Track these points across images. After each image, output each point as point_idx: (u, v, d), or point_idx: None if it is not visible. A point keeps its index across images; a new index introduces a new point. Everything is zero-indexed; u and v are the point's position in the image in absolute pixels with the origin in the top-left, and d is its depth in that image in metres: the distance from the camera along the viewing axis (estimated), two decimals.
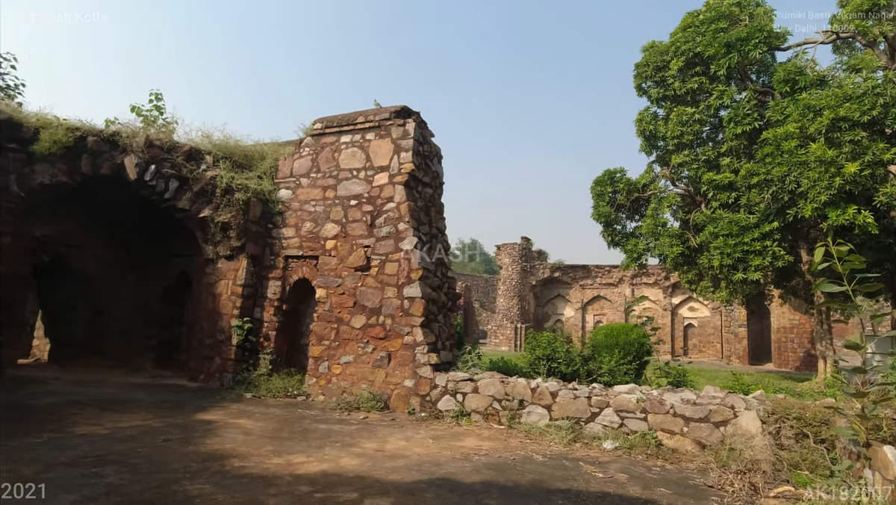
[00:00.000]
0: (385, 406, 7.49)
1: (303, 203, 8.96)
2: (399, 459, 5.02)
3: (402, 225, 8.02)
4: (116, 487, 3.80)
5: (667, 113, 14.78)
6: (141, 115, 10.02)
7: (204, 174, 9.00)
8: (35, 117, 8.32)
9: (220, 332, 8.90)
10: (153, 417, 6.24)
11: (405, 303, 7.74)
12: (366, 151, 8.57)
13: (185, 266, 10.21)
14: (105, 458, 4.49)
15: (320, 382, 8.16)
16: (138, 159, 8.72)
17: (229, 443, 5.25)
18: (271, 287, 8.96)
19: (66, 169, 8.47)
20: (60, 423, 5.69)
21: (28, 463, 4.20)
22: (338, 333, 8.19)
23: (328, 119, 9.04)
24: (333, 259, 8.46)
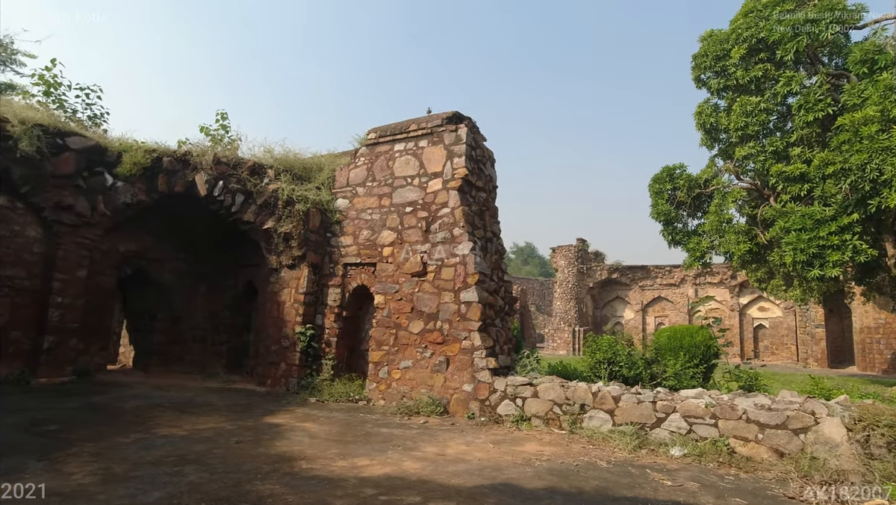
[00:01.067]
0: (444, 410, 7.54)
1: (359, 211, 9.20)
2: (460, 463, 5.04)
3: (457, 230, 8.07)
4: (196, 485, 4.03)
5: (729, 104, 14.09)
6: (209, 135, 10.64)
7: (266, 187, 9.42)
8: (118, 142, 9.01)
9: (284, 338, 9.26)
10: (226, 420, 6.56)
11: (462, 308, 7.77)
12: (419, 158, 8.70)
13: (252, 276, 10.71)
14: (185, 458, 4.77)
15: (380, 387, 8.32)
16: (207, 176, 9.25)
17: (296, 445, 5.44)
18: (331, 294, 9.24)
19: (145, 188, 9.12)
20: (145, 424, 6.09)
21: (119, 462, 4.53)
22: (396, 338, 8.33)
23: (381, 128, 9.24)
24: (390, 265, 8.62)
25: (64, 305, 8.72)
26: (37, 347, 8.50)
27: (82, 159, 8.64)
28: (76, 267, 8.88)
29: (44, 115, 8.65)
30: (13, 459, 4.44)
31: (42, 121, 8.32)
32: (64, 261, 8.72)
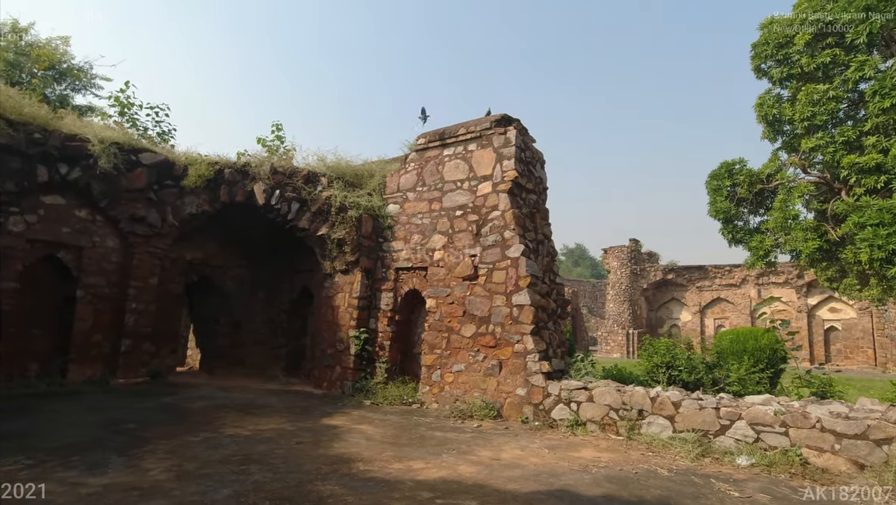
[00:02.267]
0: (498, 414, 7.52)
1: (410, 216, 9.32)
2: (516, 468, 5.01)
3: (508, 233, 8.04)
4: (261, 484, 4.20)
5: (793, 93, 13.30)
6: (265, 146, 11.10)
7: (320, 195, 9.71)
8: (184, 156, 9.55)
9: (339, 342, 9.51)
10: (286, 421, 6.80)
11: (514, 311, 7.73)
12: (468, 162, 8.73)
13: (307, 281, 11.06)
14: (250, 457, 4.98)
15: (433, 390, 8.39)
16: (265, 186, 9.64)
17: (353, 447, 5.57)
18: (384, 299, 9.40)
19: (208, 199, 9.61)
20: (212, 424, 6.40)
21: (190, 460, 4.79)
22: (449, 341, 8.38)
23: (431, 133, 9.34)
24: (441, 269, 8.69)
25: (138, 311, 9.30)
26: (115, 351, 9.11)
27: (153, 173, 9.20)
28: (149, 275, 9.46)
29: (119, 134, 9.29)
30: (97, 455, 4.78)
31: (118, 139, 8.92)
32: (138, 269, 9.31)
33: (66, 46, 15.17)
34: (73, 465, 4.45)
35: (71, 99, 15.11)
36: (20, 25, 14.47)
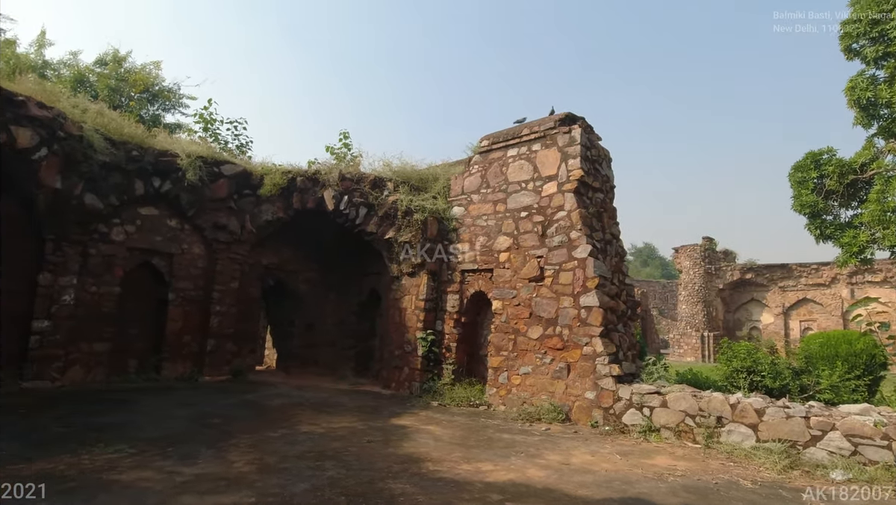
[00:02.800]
0: (566, 418, 7.40)
1: (475, 218, 9.37)
2: (586, 473, 4.92)
3: (574, 233, 7.90)
4: (335, 480, 4.37)
5: (891, 74, 12.20)
6: (334, 154, 11.54)
7: (386, 199, 9.97)
8: (260, 167, 10.13)
9: (406, 343, 9.70)
10: (357, 420, 7.02)
11: (582, 312, 7.58)
12: (532, 163, 8.66)
13: (375, 283, 11.37)
14: (324, 454, 5.19)
15: (500, 393, 8.38)
16: (334, 192, 10.03)
17: (423, 447, 5.67)
18: (450, 301, 9.50)
19: (282, 206, 10.12)
20: (288, 421, 6.72)
21: (270, 454, 5.06)
22: (515, 343, 8.34)
23: (494, 135, 9.35)
24: (507, 271, 8.66)
25: (221, 313, 9.94)
26: (202, 350, 9.78)
27: (233, 184, 9.82)
28: (230, 279, 10.09)
29: (203, 148, 9.99)
30: (189, 447, 5.16)
31: (202, 153, 9.60)
32: (221, 274, 9.95)
33: (158, 70, 16.52)
34: (168, 455, 4.83)
35: (162, 118, 16.43)
36: (120, 54, 15.90)
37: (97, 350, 8.72)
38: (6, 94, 7.04)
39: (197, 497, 3.77)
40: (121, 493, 3.77)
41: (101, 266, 8.76)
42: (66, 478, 4.02)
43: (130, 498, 3.67)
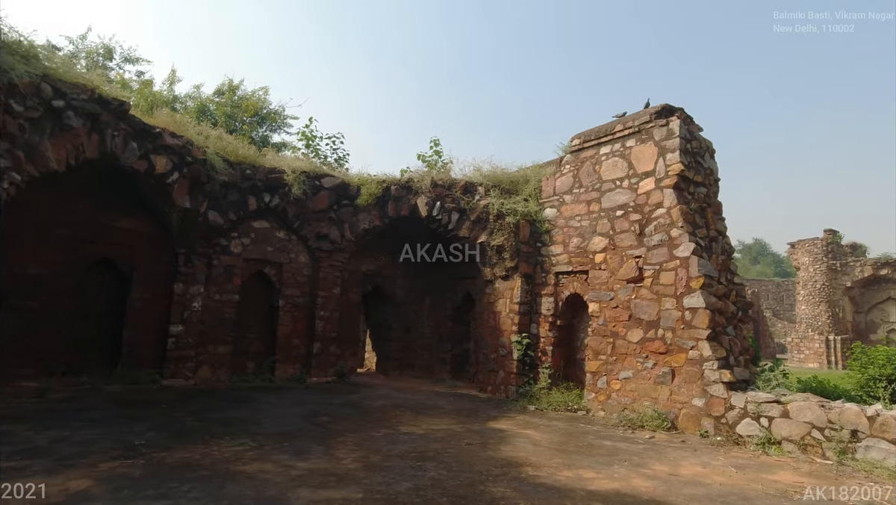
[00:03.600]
0: (672, 426, 7.00)
1: (568, 219, 9.18)
2: (698, 486, 4.63)
3: (675, 231, 7.48)
4: (437, 480, 4.49)
5: None
6: (425, 161, 11.86)
7: (478, 204, 10.07)
8: (357, 178, 10.67)
9: (501, 347, 9.70)
10: (455, 423, 7.14)
11: (686, 314, 7.15)
12: (627, 159, 8.33)
13: (469, 288, 11.49)
14: (425, 454, 5.35)
15: (599, 398, 8.12)
16: (427, 198, 10.30)
17: (521, 452, 5.65)
18: (544, 303, 9.37)
19: (378, 214, 10.58)
20: (390, 421, 7.00)
21: (374, 453, 5.31)
22: (614, 347, 8.05)
23: (585, 133, 9.11)
24: (603, 272, 8.39)
25: (325, 318, 10.57)
26: (309, 352, 10.47)
27: (333, 195, 10.43)
28: (332, 285, 10.71)
29: (305, 164, 10.72)
30: (302, 443, 5.55)
31: (305, 168, 10.31)
32: (324, 281, 10.60)
33: (266, 95, 17.99)
34: (284, 449, 5.23)
35: (270, 138, 17.85)
36: (234, 84, 17.55)
37: (221, 352, 9.64)
38: (147, 128, 8.03)
39: (311, 490, 4.04)
40: (246, 483, 4.15)
41: (222, 276, 9.68)
42: (201, 467, 4.49)
43: (254, 488, 4.02)
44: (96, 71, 10.89)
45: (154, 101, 14.22)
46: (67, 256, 8.51)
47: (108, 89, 7.66)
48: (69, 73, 7.11)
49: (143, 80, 16.13)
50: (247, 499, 3.77)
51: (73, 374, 8.47)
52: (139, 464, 4.48)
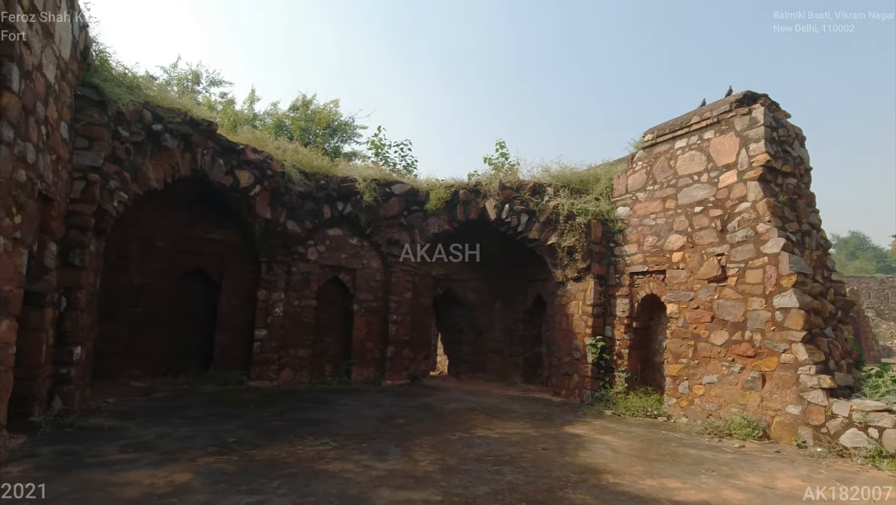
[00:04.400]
0: (764, 435, 6.55)
1: (642, 218, 8.85)
2: (796, 501, 4.31)
3: (762, 226, 7.01)
4: (514, 485, 4.46)
5: None
6: (492, 164, 11.86)
7: (547, 205, 9.92)
8: (425, 183, 10.84)
9: (575, 350, 9.50)
10: (530, 427, 7.07)
11: (777, 315, 6.67)
12: (705, 152, 7.91)
13: (540, 290, 11.35)
14: (500, 458, 5.33)
15: (681, 403, 7.74)
16: (495, 201, 10.29)
17: (599, 458, 5.50)
18: (619, 305, 9.08)
19: (447, 218, 10.69)
20: (464, 424, 7.04)
21: (450, 455, 5.36)
22: (695, 350, 7.65)
23: (658, 128, 8.75)
24: (682, 272, 8.01)
25: (397, 322, 10.81)
26: (382, 356, 10.74)
27: (402, 201, 10.65)
28: (404, 290, 10.93)
29: (376, 171, 11.03)
30: (380, 444, 5.71)
31: (375, 176, 10.61)
32: (396, 285, 10.84)
33: (336, 108, 18.73)
34: (364, 450, 5.40)
35: (341, 149, 18.55)
36: (307, 99, 18.43)
37: (301, 355, 10.10)
38: (232, 145, 8.61)
39: (391, 491, 4.15)
40: (329, 481, 4.32)
41: (300, 282, 10.15)
42: (288, 464, 4.74)
43: (337, 487, 4.19)
44: (187, 95, 11.80)
45: (236, 119, 15.20)
46: (166, 266, 9.29)
47: (198, 111, 8.27)
48: (165, 99, 7.75)
49: (227, 101, 17.28)
50: (331, 497, 3.93)
51: (174, 374, 9.20)
52: (232, 460, 4.79)
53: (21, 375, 5.02)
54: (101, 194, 6.40)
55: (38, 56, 4.73)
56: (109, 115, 6.41)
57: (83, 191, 6.15)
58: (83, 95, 6.18)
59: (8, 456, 4.49)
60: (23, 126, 4.41)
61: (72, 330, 6.03)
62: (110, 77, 6.71)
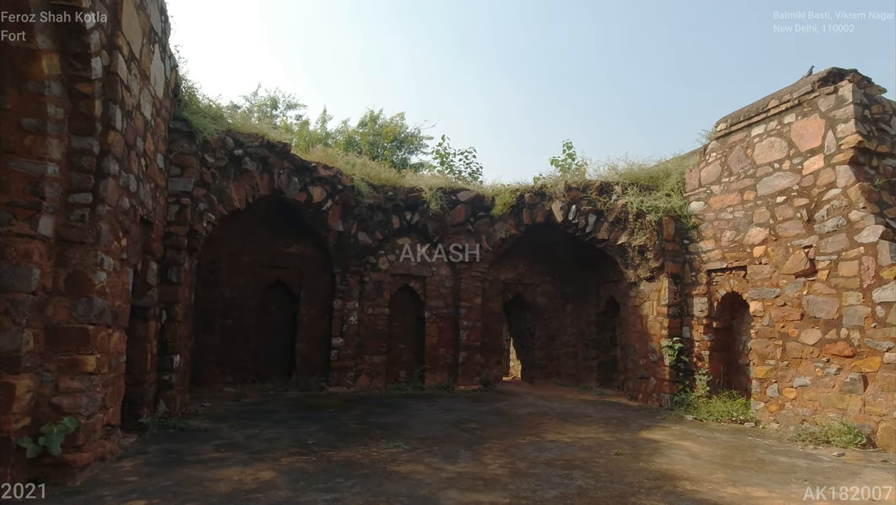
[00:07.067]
0: (868, 442, 5.99)
1: (717, 212, 8.40)
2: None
3: (855, 213, 6.45)
4: (584, 490, 4.41)
5: None
6: (558, 165, 11.73)
7: (615, 204, 9.67)
8: (491, 188, 10.94)
9: (651, 352, 9.15)
10: (603, 431, 6.91)
11: (878, 310, 6.10)
12: (786, 138, 7.40)
13: (611, 291, 11.04)
14: (571, 463, 5.27)
15: (770, 408, 7.24)
16: (561, 203, 10.17)
17: (677, 464, 5.29)
18: (697, 304, 8.65)
19: (513, 223, 10.69)
20: (535, 429, 7.00)
21: (520, 460, 5.37)
22: (784, 350, 7.14)
23: (732, 116, 8.29)
24: (765, 267, 7.52)
25: (468, 328, 10.93)
26: (454, 361, 10.89)
27: (468, 208, 10.79)
28: (473, 296, 11.04)
29: (441, 180, 11.27)
30: (450, 447, 5.82)
31: (441, 184, 10.84)
32: (465, 291, 10.97)
33: (402, 120, 19.33)
34: (435, 453, 5.54)
35: (408, 160, 19.08)
36: (374, 114, 19.17)
37: (376, 362, 10.47)
38: (305, 164, 9.17)
39: (459, 493, 4.24)
40: (400, 481, 4.49)
41: (373, 291, 10.54)
42: (362, 465, 4.97)
43: (408, 487, 4.34)
44: (265, 120, 12.70)
45: (310, 139, 16.08)
46: (251, 279, 10.01)
47: (274, 134, 8.89)
48: (245, 125, 8.41)
49: (301, 122, 18.33)
50: (401, 497, 4.09)
51: (261, 381, 9.87)
52: (312, 460, 5.09)
53: (131, 381, 5.64)
54: (192, 216, 7.04)
55: (137, 97, 5.32)
56: (197, 144, 7.05)
57: (177, 214, 6.81)
58: (175, 128, 6.85)
59: (122, 452, 5.07)
60: (125, 160, 4.98)
61: (171, 340, 6.67)
62: (197, 110, 7.38)
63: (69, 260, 4.30)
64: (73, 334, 4.26)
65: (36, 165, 4.05)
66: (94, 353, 4.35)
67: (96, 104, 4.36)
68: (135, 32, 5.13)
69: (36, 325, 4.06)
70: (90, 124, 4.35)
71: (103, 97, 4.49)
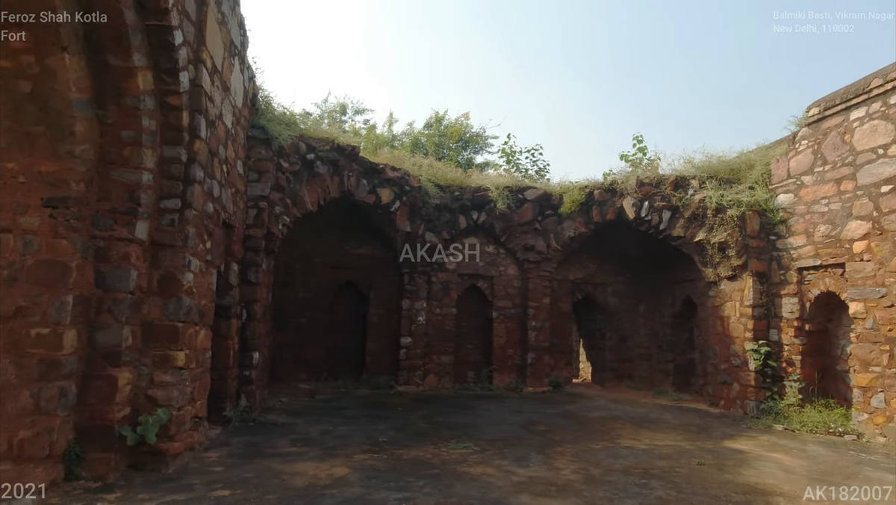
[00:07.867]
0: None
1: (809, 205, 7.75)
2: None
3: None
4: (664, 501, 4.18)
5: None
6: (628, 161, 11.28)
7: (692, 199, 9.16)
8: (558, 186, 10.71)
9: (733, 356, 8.58)
10: (683, 439, 6.55)
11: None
12: (892, 121, 6.70)
13: (688, 291, 10.48)
14: (649, 471, 5.02)
15: (876, 420, 6.58)
16: (633, 200, 9.77)
17: (768, 478, 4.91)
18: (786, 305, 8.02)
19: (583, 221, 10.41)
20: (609, 434, 6.75)
21: (594, 465, 5.19)
22: (891, 356, 6.46)
23: (826, 99, 7.62)
24: (867, 264, 6.84)
25: (536, 328, 10.74)
26: (523, 362, 10.74)
27: (536, 207, 10.61)
28: (542, 296, 10.85)
29: (508, 179, 11.16)
30: (521, 450, 5.73)
31: (507, 183, 10.73)
32: (533, 291, 10.80)
33: (467, 120, 19.33)
34: (505, 455, 5.47)
35: (474, 160, 19.06)
36: (440, 115, 19.30)
37: (444, 361, 10.52)
38: (373, 166, 9.38)
39: (531, 498, 4.15)
40: (471, 484, 4.46)
41: (440, 291, 10.60)
42: (432, 465, 4.98)
43: (479, 490, 4.30)
44: (335, 126, 13.08)
45: (377, 142, 16.43)
46: (323, 280, 10.36)
47: (343, 138, 9.14)
48: (317, 130, 8.71)
49: (369, 126, 18.76)
50: (472, 499, 4.05)
51: (333, 378, 10.19)
52: (383, 458, 5.17)
53: (215, 376, 5.99)
54: (269, 219, 7.37)
55: (219, 107, 5.63)
56: (273, 150, 7.37)
57: (255, 217, 7.15)
58: (252, 135, 7.20)
59: (208, 443, 5.38)
60: (209, 166, 5.28)
61: (251, 338, 7.01)
62: (273, 117, 7.72)
63: (161, 262, 4.63)
64: (165, 331, 4.58)
65: (133, 174, 4.38)
66: (183, 349, 4.66)
67: (184, 115, 4.65)
68: (217, 47, 5.43)
69: (134, 322, 4.41)
70: (178, 134, 4.65)
71: (189, 108, 4.79)
